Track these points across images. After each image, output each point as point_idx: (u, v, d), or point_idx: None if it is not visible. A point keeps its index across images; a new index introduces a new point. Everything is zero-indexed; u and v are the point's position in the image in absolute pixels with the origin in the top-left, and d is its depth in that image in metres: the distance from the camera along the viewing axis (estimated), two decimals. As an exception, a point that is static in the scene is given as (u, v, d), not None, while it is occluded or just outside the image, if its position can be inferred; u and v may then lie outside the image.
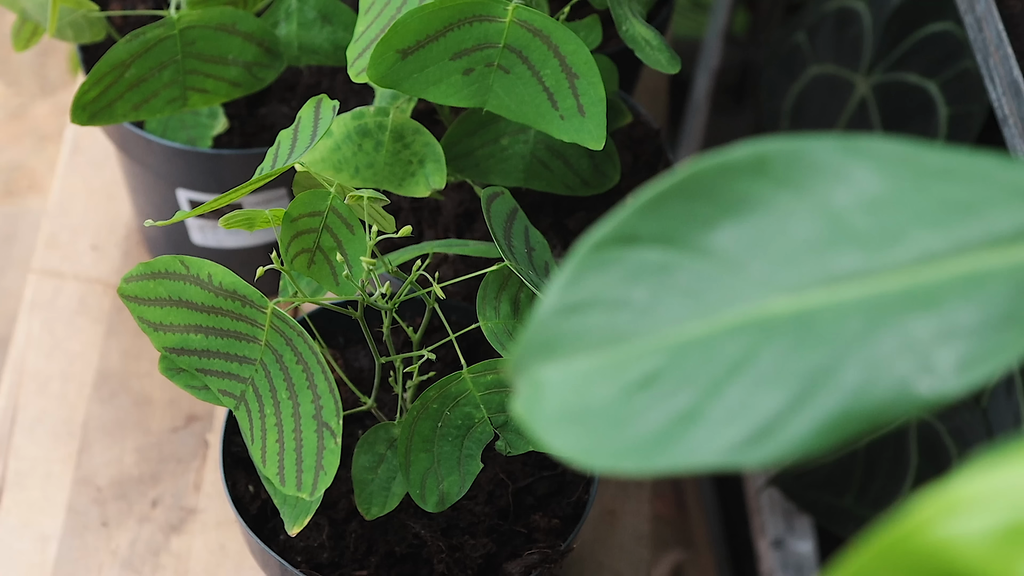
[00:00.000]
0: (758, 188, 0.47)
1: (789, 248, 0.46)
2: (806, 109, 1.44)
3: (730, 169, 0.48)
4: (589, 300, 0.48)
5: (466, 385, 0.83)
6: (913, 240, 0.46)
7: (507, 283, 0.86)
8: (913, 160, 0.47)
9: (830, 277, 0.46)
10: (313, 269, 0.83)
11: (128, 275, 0.81)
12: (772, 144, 0.47)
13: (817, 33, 1.44)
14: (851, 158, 0.47)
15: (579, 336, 0.48)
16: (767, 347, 0.45)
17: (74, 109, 0.94)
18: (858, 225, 0.46)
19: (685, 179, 0.48)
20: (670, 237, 0.48)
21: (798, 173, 0.47)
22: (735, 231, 0.47)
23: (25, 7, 1.01)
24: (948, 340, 0.44)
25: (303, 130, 0.86)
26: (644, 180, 1.05)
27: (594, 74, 0.86)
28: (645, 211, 0.48)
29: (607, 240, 0.48)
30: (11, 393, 1.17)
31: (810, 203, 0.47)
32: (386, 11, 0.89)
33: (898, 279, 0.45)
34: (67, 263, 1.25)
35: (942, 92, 1.29)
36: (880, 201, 0.46)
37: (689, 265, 0.47)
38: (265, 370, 0.80)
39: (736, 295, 0.46)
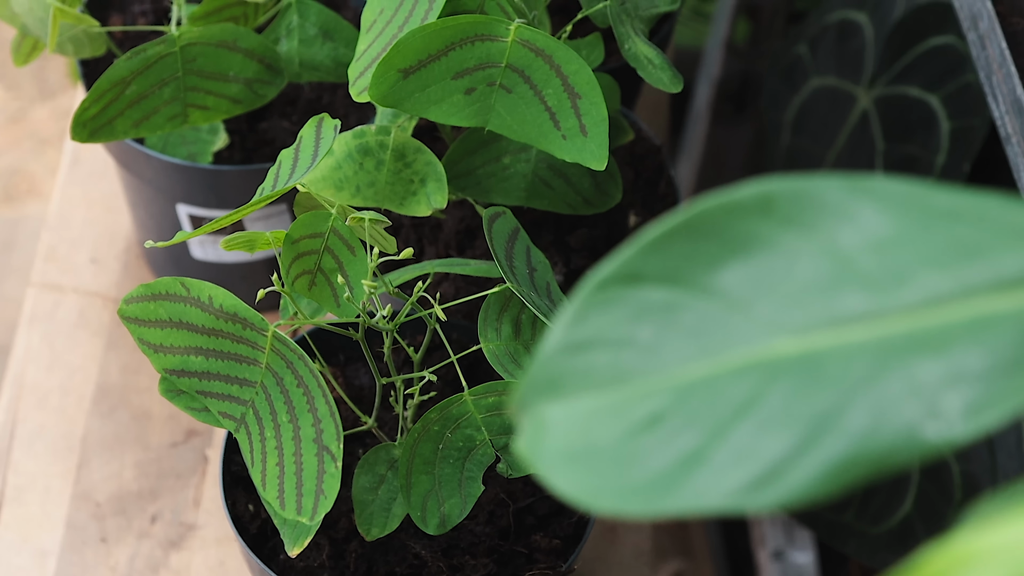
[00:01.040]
0: (764, 228, 0.47)
1: (795, 289, 0.46)
2: (807, 121, 1.44)
3: (736, 208, 0.47)
4: (594, 339, 0.47)
5: (467, 407, 0.83)
6: (920, 282, 0.45)
7: (508, 304, 0.86)
8: (919, 201, 0.47)
9: (836, 318, 0.45)
10: (314, 291, 0.83)
11: (128, 296, 0.81)
12: (778, 183, 0.47)
13: (818, 45, 1.44)
14: (857, 198, 0.47)
15: (583, 375, 0.47)
16: (773, 389, 0.45)
17: (74, 126, 0.93)
18: (864, 266, 0.46)
19: (690, 218, 0.47)
20: (675, 276, 0.47)
21: (804, 213, 0.47)
22: (741, 271, 0.47)
23: (25, 22, 1.01)
24: (955, 385, 0.43)
25: (304, 150, 0.85)
26: (646, 197, 1.05)
27: (596, 94, 0.85)
28: (650, 250, 0.47)
29: (612, 279, 0.48)
30: (10, 407, 1.16)
31: (816, 243, 0.47)
32: (388, 30, 0.89)
33: (905, 322, 0.45)
34: (66, 276, 1.24)
35: (944, 106, 1.29)
36: (887, 242, 0.46)
37: (694, 305, 0.47)
38: (265, 393, 0.79)
39: (742, 336, 0.46)
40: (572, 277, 1.02)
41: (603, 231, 1.03)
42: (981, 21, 0.99)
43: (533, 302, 0.82)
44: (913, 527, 1.21)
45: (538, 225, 1.02)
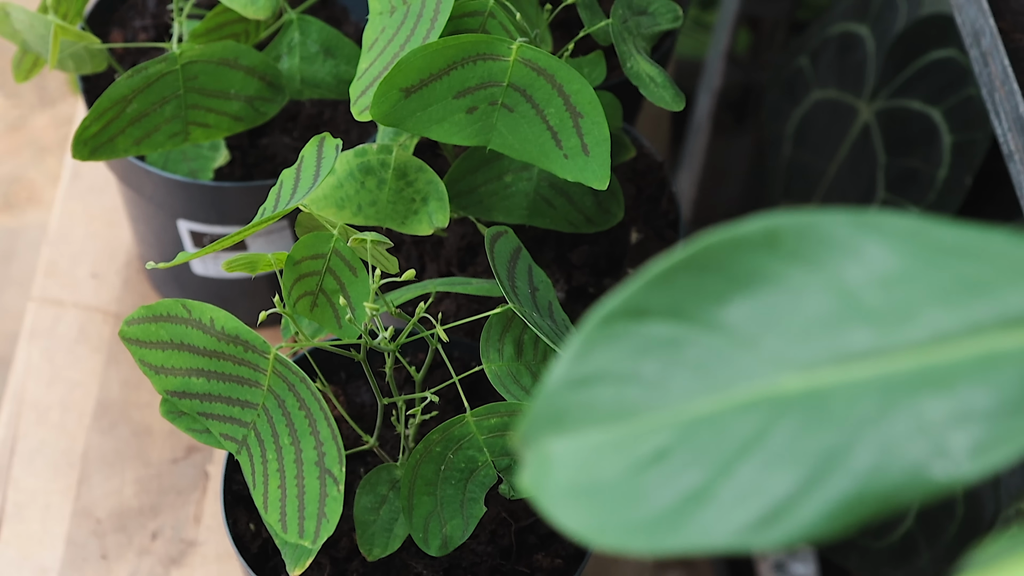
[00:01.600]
0: (769, 263, 0.47)
1: (801, 324, 0.46)
2: (809, 134, 1.44)
3: (741, 243, 0.47)
4: (598, 373, 0.47)
5: (469, 428, 0.83)
6: (926, 319, 0.45)
7: (510, 325, 0.86)
8: (925, 236, 0.46)
9: (842, 355, 0.45)
10: (316, 312, 0.83)
11: (129, 318, 0.81)
12: (783, 218, 0.47)
13: (820, 57, 1.44)
14: (863, 233, 0.47)
15: (588, 410, 0.47)
16: (779, 426, 0.45)
17: (75, 145, 0.93)
18: (870, 302, 0.46)
19: (695, 253, 0.47)
20: (680, 311, 0.47)
21: (810, 248, 0.47)
22: (746, 306, 0.47)
23: (26, 39, 1.00)
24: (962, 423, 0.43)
25: (306, 169, 0.85)
26: (648, 213, 1.05)
27: (598, 113, 0.85)
28: (655, 285, 0.47)
29: (616, 313, 0.47)
30: (10, 423, 1.16)
31: (822, 279, 0.46)
32: (389, 48, 0.88)
33: (911, 359, 0.45)
34: (67, 291, 1.24)
35: (946, 119, 1.28)
36: (893, 278, 0.46)
37: (700, 340, 0.47)
38: (267, 415, 0.79)
39: (747, 371, 0.46)
40: (574, 294, 1.01)
41: (605, 248, 1.02)
42: (983, 38, 0.99)
43: (535, 322, 0.82)
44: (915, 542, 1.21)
45: (539, 242, 1.02)
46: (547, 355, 0.87)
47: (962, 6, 1.01)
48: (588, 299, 1.01)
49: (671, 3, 0.96)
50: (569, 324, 0.88)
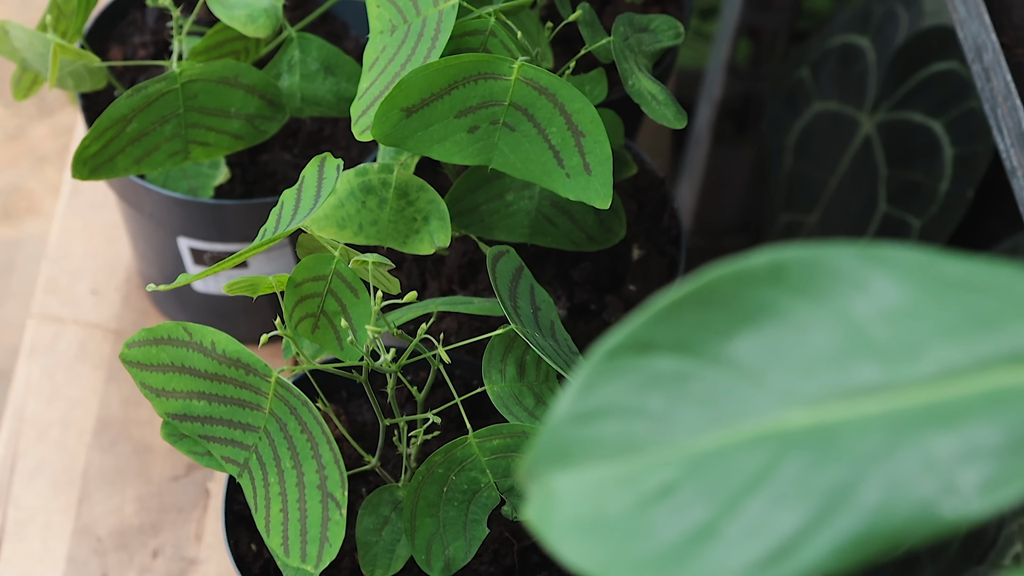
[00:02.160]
0: (776, 297, 0.47)
1: (808, 359, 0.46)
2: (810, 145, 1.44)
3: (747, 277, 0.47)
4: (603, 408, 0.47)
5: (472, 450, 0.83)
6: (934, 354, 0.45)
7: (513, 345, 0.85)
8: (932, 270, 0.46)
9: (850, 390, 0.45)
10: (317, 334, 0.82)
11: (130, 341, 0.80)
12: (790, 252, 0.47)
13: (821, 69, 1.44)
14: (870, 267, 0.46)
15: (593, 444, 0.47)
16: (786, 461, 0.44)
17: (75, 164, 0.93)
18: (878, 337, 0.45)
19: (701, 287, 0.47)
20: (686, 345, 0.47)
21: (816, 282, 0.47)
22: (753, 340, 0.46)
23: (25, 57, 1.00)
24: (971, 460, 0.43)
25: (307, 190, 0.85)
26: (649, 229, 1.05)
27: (600, 132, 0.85)
28: (660, 319, 0.47)
29: (621, 347, 0.47)
30: (10, 441, 1.16)
31: (829, 313, 0.46)
32: (390, 68, 0.88)
33: (919, 394, 0.44)
34: (66, 308, 1.24)
35: (947, 132, 1.28)
36: (900, 312, 0.46)
37: (706, 374, 0.46)
38: (269, 438, 0.79)
39: (754, 406, 0.46)
40: (575, 311, 1.01)
41: (606, 264, 1.02)
42: (985, 53, 0.99)
43: (537, 343, 0.81)
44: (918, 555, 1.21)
45: (541, 258, 1.02)
46: (549, 376, 0.87)
47: (964, 21, 1.01)
48: (590, 316, 1.01)
49: (672, 20, 0.96)
50: (572, 344, 0.88)
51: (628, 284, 1.01)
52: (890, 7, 1.37)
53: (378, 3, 0.90)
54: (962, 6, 1.01)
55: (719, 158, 1.65)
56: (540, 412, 0.85)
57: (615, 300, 1.01)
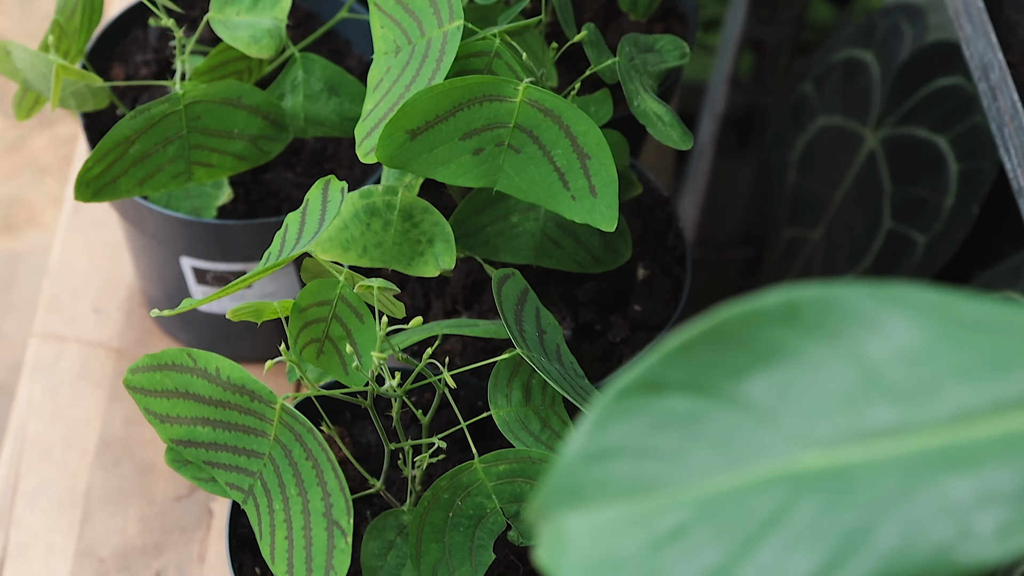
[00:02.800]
0: (789, 337, 0.46)
1: (822, 400, 0.45)
2: (814, 160, 1.43)
3: (760, 317, 0.47)
4: (615, 448, 0.47)
5: (477, 475, 0.82)
6: (950, 396, 0.44)
7: (519, 370, 0.85)
8: (948, 310, 0.46)
9: (865, 432, 0.44)
10: (322, 359, 0.82)
11: (134, 366, 0.80)
12: (803, 291, 0.46)
13: (824, 83, 1.43)
14: (885, 307, 0.46)
15: (605, 484, 0.46)
16: (800, 504, 0.44)
17: (78, 186, 0.92)
18: (893, 378, 0.45)
19: (714, 326, 0.47)
20: (699, 385, 0.47)
21: (830, 322, 0.46)
22: (766, 381, 0.46)
23: (27, 77, 1.00)
24: (988, 504, 0.43)
25: (311, 214, 0.84)
26: (654, 249, 1.04)
27: (606, 155, 0.84)
28: (673, 358, 0.47)
29: (633, 387, 0.47)
30: (12, 461, 1.15)
31: (843, 353, 0.46)
32: (394, 89, 0.88)
33: (935, 437, 0.44)
34: (68, 326, 1.23)
35: (952, 147, 1.28)
36: (915, 353, 0.45)
37: (719, 415, 0.46)
38: (274, 465, 0.78)
39: (768, 447, 0.45)
40: (580, 331, 1.01)
41: (611, 284, 1.02)
42: (992, 72, 0.98)
43: (544, 367, 0.81)
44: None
45: (545, 278, 1.01)
46: (555, 400, 0.86)
47: (970, 39, 1.00)
48: (595, 336, 1.01)
49: (678, 40, 0.95)
50: (578, 367, 0.87)
51: (633, 304, 1.01)
52: (894, 21, 1.37)
53: (382, 24, 0.89)
54: (968, 24, 1.01)
55: (722, 171, 1.65)
56: (546, 437, 0.85)
57: (620, 320, 1.00)
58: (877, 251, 1.31)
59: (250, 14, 0.95)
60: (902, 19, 1.37)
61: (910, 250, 1.28)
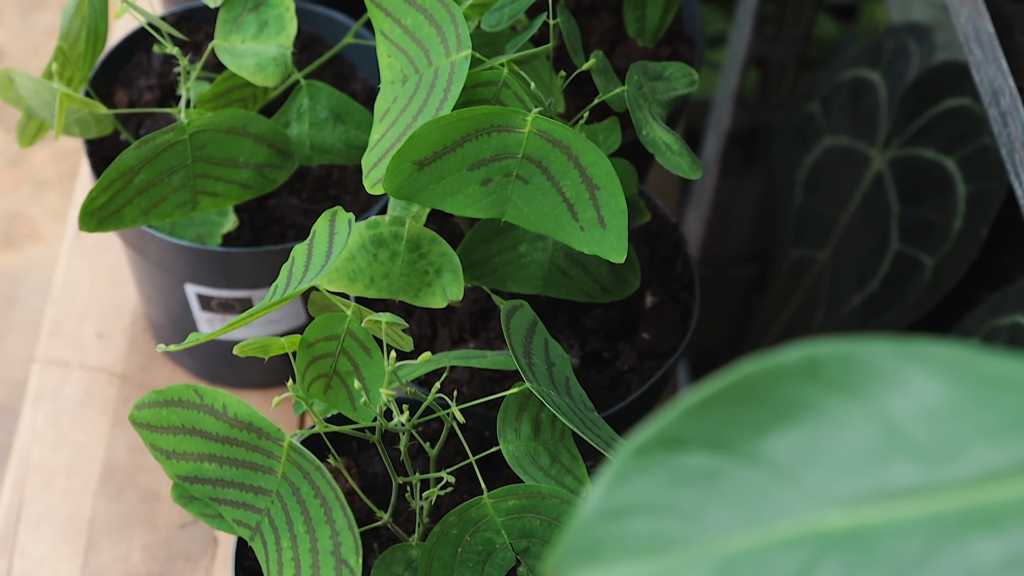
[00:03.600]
0: (811, 393, 0.46)
1: (844, 458, 0.45)
2: (820, 181, 1.42)
3: (781, 373, 0.46)
4: (633, 505, 0.46)
5: (486, 510, 0.81)
6: (974, 455, 0.44)
7: (528, 403, 0.84)
8: (972, 367, 0.45)
9: (888, 492, 0.44)
10: (330, 394, 0.81)
11: (140, 402, 0.79)
12: (825, 347, 0.46)
13: (831, 103, 1.42)
14: (907, 363, 0.45)
15: (622, 542, 0.46)
16: (822, 565, 0.43)
17: (82, 216, 0.92)
18: (916, 436, 0.44)
19: (734, 382, 0.46)
20: (719, 442, 0.46)
21: (852, 378, 0.46)
22: (787, 438, 0.45)
23: (31, 104, 0.99)
24: (1014, 568, 0.42)
25: (318, 246, 0.84)
26: (662, 276, 1.04)
27: (615, 186, 0.84)
28: (692, 414, 0.46)
29: (652, 443, 0.46)
30: (16, 488, 1.14)
31: (865, 411, 0.45)
32: (401, 119, 0.87)
33: (960, 497, 0.43)
34: (72, 352, 1.22)
35: (960, 169, 1.27)
36: (938, 411, 0.45)
37: (739, 472, 0.45)
38: (281, 502, 0.78)
39: (789, 506, 0.45)
40: (588, 360, 1.00)
41: (619, 311, 1.01)
42: (1003, 98, 0.98)
43: (553, 402, 0.80)
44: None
45: (553, 306, 1.01)
46: (565, 434, 0.86)
47: (980, 64, 1.00)
48: (603, 364, 1.00)
49: (687, 68, 0.95)
50: (587, 400, 0.87)
51: (641, 332, 1.00)
52: (901, 41, 1.36)
53: (389, 53, 0.89)
54: (978, 49, 1.00)
55: (727, 188, 1.64)
56: (556, 471, 0.84)
57: (628, 348, 1.00)
58: (885, 273, 1.31)
59: (255, 42, 0.95)
60: (909, 39, 1.36)
61: (918, 272, 1.28)
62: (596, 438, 0.81)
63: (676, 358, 0.99)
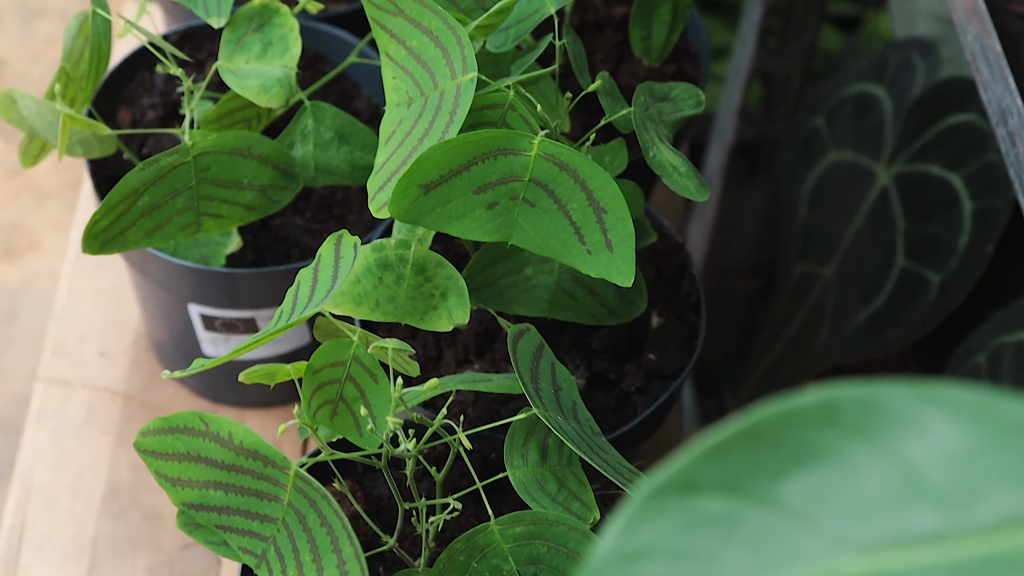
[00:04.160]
0: (827, 437, 0.45)
1: (861, 503, 0.44)
2: (825, 195, 1.42)
3: (797, 416, 0.45)
4: (647, 549, 0.46)
5: (494, 537, 0.81)
6: (993, 500, 0.43)
7: (535, 429, 0.84)
8: (991, 411, 0.45)
9: (906, 537, 0.43)
10: (336, 420, 0.81)
11: (145, 429, 0.79)
12: (842, 390, 0.45)
13: (835, 118, 1.42)
14: (925, 407, 0.45)
15: (637, 586, 0.45)
16: (839, 611, 0.43)
17: (85, 239, 0.91)
18: (935, 481, 0.44)
19: (749, 426, 0.46)
20: (734, 486, 0.45)
21: (870, 422, 0.45)
22: (804, 482, 0.45)
23: (33, 125, 0.98)
24: (1035, 616, 0.41)
25: (323, 270, 0.83)
26: (668, 296, 1.03)
27: (622, 209, 0.83)
28: (707, 458, 0.46)
29: (666, 487, 0.46)
30: (18, 509, 1.14)
31: (883, 455, 0.45)
32: (407, 142, 0.86)
33: (979, 543, 0.43)
34: (74, 371, 1.22)
35: (966, 185, 1.26)
36: (957, 455, 0.44)
37: (755, 516, 0.45)
38: (287, 530, 0.77)
39: (806, 551, 0.44)
40: (594, 381, 0.99)
41: (625, 332, 1.00)
42: (1011, 118, 0.97)
43: (560, 427, 0.80)
44: None
45: (559, 327, 1.00)
46: (572, 460, 0.85)
47: (988, 83, 0.99)
48: (609, 386, 0.99)
49: (693, 88, 0.94)
50: (594, 425, 0.86)
51: (648, 353, 1.00)
52: (906, 56, 1.36)
53: (394, 75, 0.88)
54: (986, 68, 0.99)
55: (730, 200, 1.63)
56: (563, 497, 0.83)
57: (634, 369, 0.99)
58: (890, 290, 1.30)
59: (259, 62, 0.94)
60: (914, 54, 1.35)
61: (924, 289, 1.27)
62: (604, 464, 0.80)
63: (683, 379, 0.99)
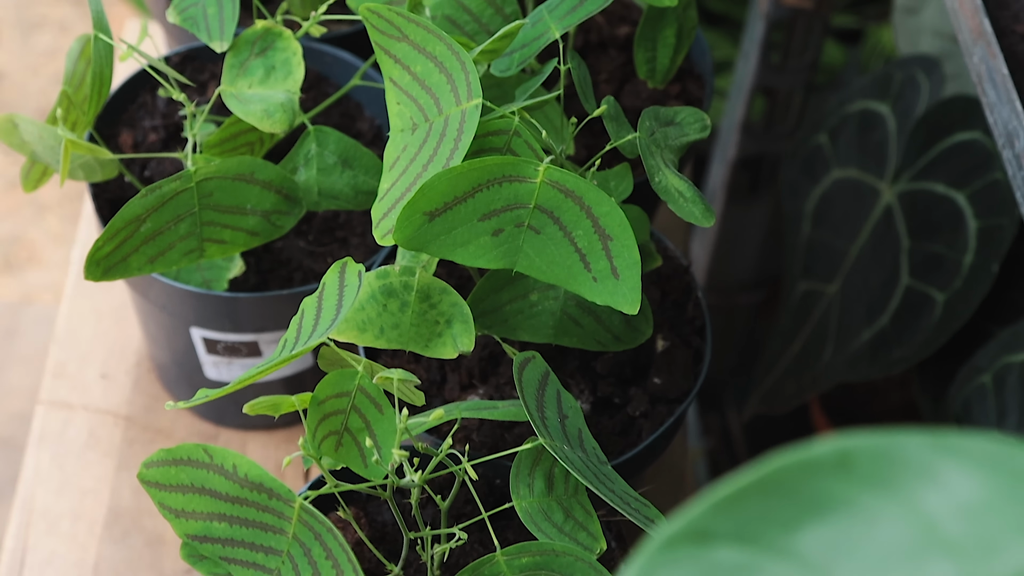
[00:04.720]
0: (843, 487, 0.45)
1: (877, 554, 0.44)
2: (829, 213, 1.41)
3: (812, 466, 0.45)
4: (661, 599, 0.45)
5: (500, 568, 0.80)
6: (1011, 552, 0.43)
7: (541, 458, 0.83)
8: (1008, 462, 0.44)
9: (923, 590, 0.43)
10: (341, 451, 0.80)
11: (148, 460, 0.78)
12: (857, 440, 0.45)
13: (839, 135, 1.41)
14: (942, 457, 0.44)
15: (651, 637, 0.45)
16: (856, 666, 0.42)
17: (88, 265, 0.91)
18: (951, 532, 0.43)
19: (764, 476, 0.45)
20: (749, 536, 0.45)
21: (886, 472, 0.45)
22: (819, 533, 0.44)
23: (35, 150, 0.98)
24: (1056, 672, 0.41)
25: (327, 299, 0.82)
26: (673, 319, 1.02)
27: (628, 236, 0.83)
28: (721, 508, 0.45)
29: (679, 537, 0.45)
30: (19, 534, 1.13)
31: (899, 506, 0.44)
32: (411, 168, 0.86)
33: (997, 597, 0.42)
34: (75, 393, 1.21)
35: (970, 204, 1.26)
36: (974, 507, 0.44)
37: (769, 567, 0.44)
38: (293, 563, 0.77)
39: (821, 603, 0.44)
40: (599, 405, 0.99)
41: (630, 356, 1.00)
42: (1017, 140, 0.97)
43: (566, 457, 0.79)
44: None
45: (563, 351, 1.00)
46: (579, 489, 0.85)
47: (994, 105, 0.99)
48: (614, 410, 0.99)
49: (699, 112, 0.93)
50: (600, 453, 0.86)
51: (653, 377, 0.99)
52: (910, 73, 1.35)
53: (399, 100, 0.88)
54: (992, 90, 0.99)
55: (733, 215, 1.63)
56: (569, 528, 0.83)
57: (639, 393, 0.99)
58: (895, 309, 1.30)
59: (262, 87, 0.94)
60: (918, 71, 1.35)
61: (928, 308, 1.26)
62: (610, 494, 0.80)
63: (688, 404, 0.98)
